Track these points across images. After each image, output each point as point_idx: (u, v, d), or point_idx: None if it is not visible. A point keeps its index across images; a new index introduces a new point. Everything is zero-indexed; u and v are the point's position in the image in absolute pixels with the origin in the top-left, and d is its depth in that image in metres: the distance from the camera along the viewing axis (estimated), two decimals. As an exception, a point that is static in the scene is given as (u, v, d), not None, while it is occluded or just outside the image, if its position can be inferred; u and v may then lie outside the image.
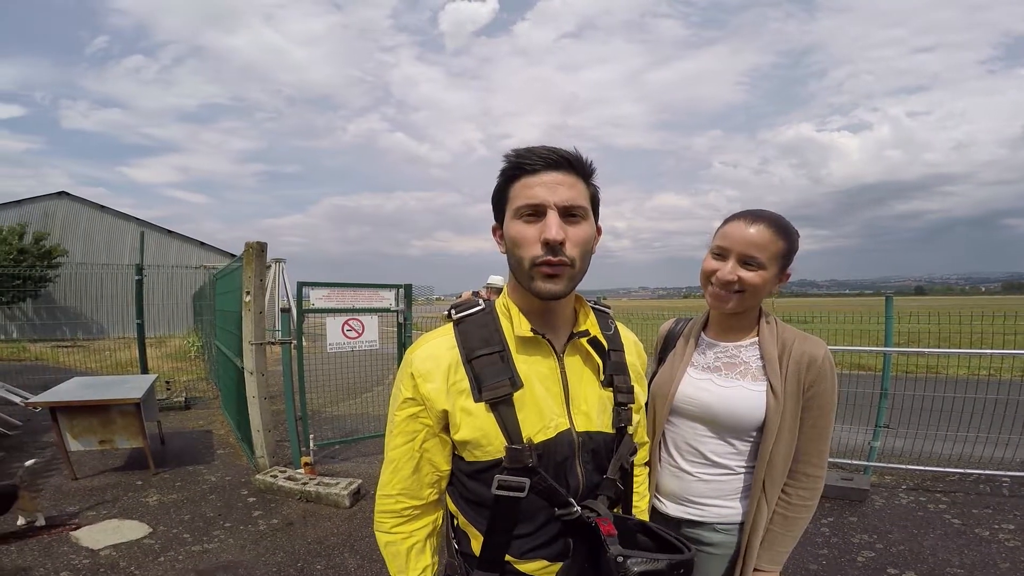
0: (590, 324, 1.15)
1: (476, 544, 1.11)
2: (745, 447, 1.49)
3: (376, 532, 1.19)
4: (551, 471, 1.05)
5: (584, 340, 1.13)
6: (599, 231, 1.14)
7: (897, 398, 4.98)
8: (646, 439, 1.44)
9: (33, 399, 4.93)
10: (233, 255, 19.34)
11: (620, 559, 0.94)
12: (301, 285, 5.30)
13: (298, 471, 4.76)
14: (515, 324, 1.09)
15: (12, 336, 18.14)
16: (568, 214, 1.02)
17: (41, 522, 3.74)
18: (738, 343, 1.54)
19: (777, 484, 1.45)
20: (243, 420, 5.33)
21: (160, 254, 21.64)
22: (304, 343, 5.38)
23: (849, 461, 4.79)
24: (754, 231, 1.40)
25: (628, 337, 1.29)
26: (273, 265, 14.09)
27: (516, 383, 1.04)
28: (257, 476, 4.74)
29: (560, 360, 1.11)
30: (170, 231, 24.34)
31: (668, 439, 1.60)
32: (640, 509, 1.36)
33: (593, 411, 1.11)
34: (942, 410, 4.90)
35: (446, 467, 1.13)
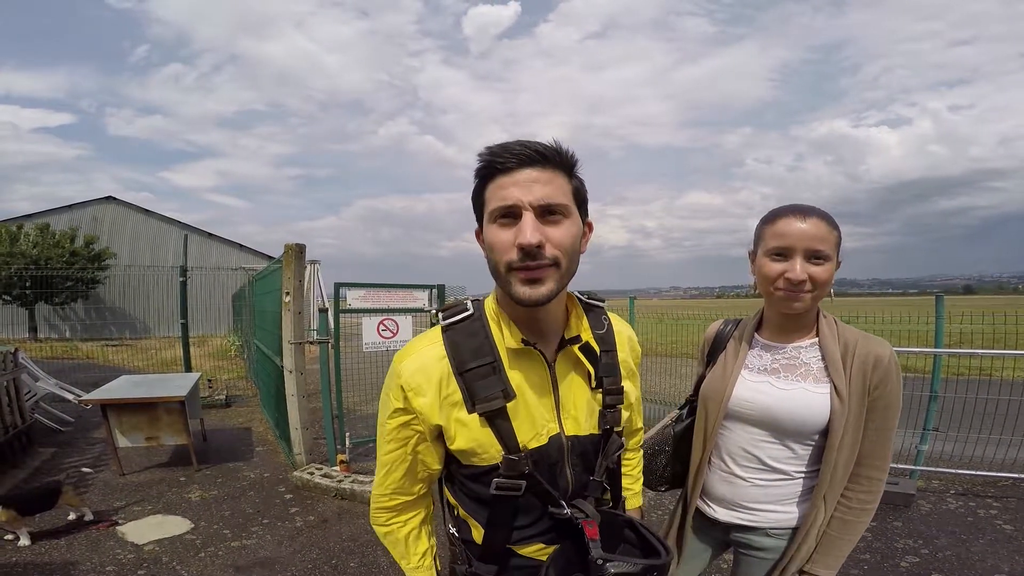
0: (582, 329, 1.12)
1: (477, 533, 1.14)
2: (805, 451, 1.44)
3: (373, 526, 1.24)
4: (544, 474, 1.07)
5: (576, 347, 1.10)
6: (589, 227, 1.09)
7: (947, 400, 4.79)
8: (639, 425, 1.42)
9: (85, 397, 5.13)
10: (271, 257, 19.79)
11: (600, 562, 0.97)
12: (338, 286, 5.38)
13: (334, 468, 4.84)
14: (505, 335, 1.06)
15: (65, 335, 18.95)
16: (547, 212, 0.96)
17: (89, 517, 3.88)
18: (797, 344, 1.48)
19: (836, 488, 1.41)
20: (281, 418, 5.45)
21: (201, 256, 22.32)
22: (340, 342, 5.46)
23: (895, 465, 4.61)
24: (810, 225, 1.35)
25: (622, 332, 1.25)
26: (308, 267, 14.38)
27: (509, 394, 1.04)
28: (294, 473, 4.83)
29: (551, 368, 1.09)
30: (211, 234, 25.10)
31: (720, 444, 1.56)
32: (633, 491, 1.41)
33: (581, 415, 1.11)
34: (995, 413, 4.70)
35: (437, 467, 1.16)
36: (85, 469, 4.84)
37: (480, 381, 1.04)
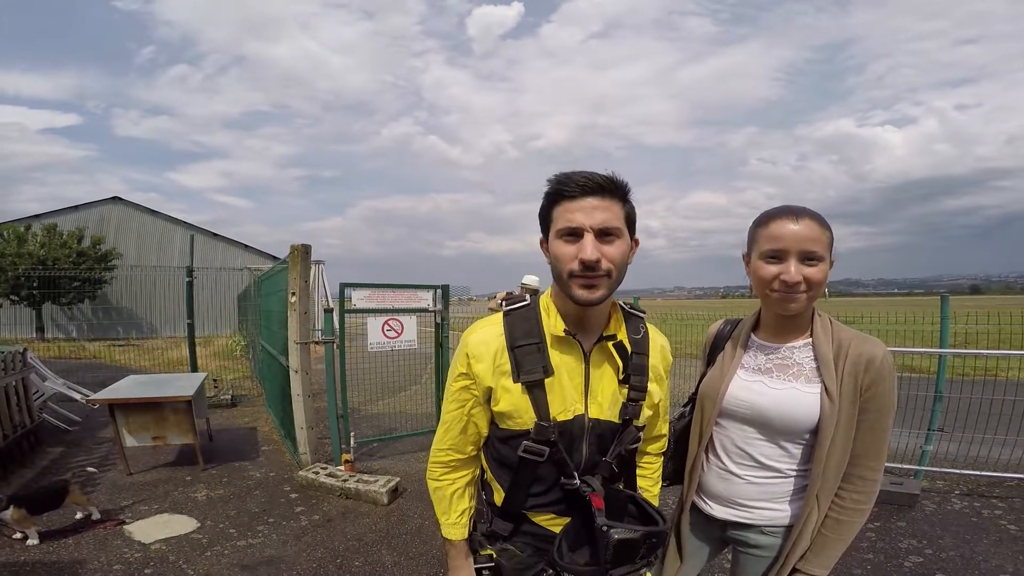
0: (619, 329, 1.32)
1: (498, 496, 1.36)
2: (796, 450, 1.46)
3: (427, 480, 1.46)
4: (564, 445, 1.26)
5: (610, 343, 1.29)
6: (636, 243, 1.28)
7: (952, 401, 4.78)
8: (664, 432, 1.55)
9: (93, 396, 5.17)
10: (276, 257, 19.85)
11: (604, 528, 1.16)
12: (343, 286, 5.41)
13: (338, 468, 4.86)
14: (552, 323, 1.27)
15: (71, 335, 19.04)
16: (604, 234, 1.17)
17: (96, 516, 3.91)
18: (791, 344, 1.50)
19: (829, 488, 1.42)
20: (287, 417, 5.47)
21: (207, 256, 22.39)
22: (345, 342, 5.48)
23: (899, 465, 4.61)
24: (803, 227, 1.36)
25: (656, 341, 1.41)
26: (313, 267, 14.39)
27: (548, 371, 1.25)
28: (299, 472, 4.85)
29: (586, 358, 1.29)
30: (216, 234, 25.18)
31: (716, 441, 1.59)
32: (651, 494, 1.53)
33: (606, 403, 1.29)
34: (1000, 414, 4.68)
35: (486, 430, 1.37)
36: (91, 469, 4.87)
37: (527, 357, 1.25)
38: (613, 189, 1.18)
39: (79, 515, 3.88)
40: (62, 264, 17.89)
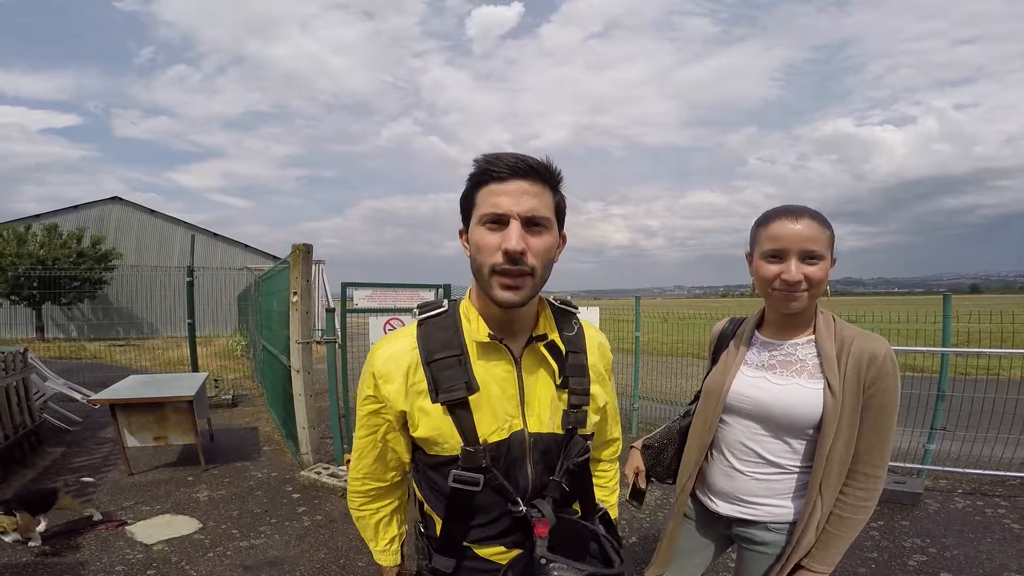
0: (549, 328, 1.17)
1: (439, 528, 1.19)
2: (800, 446, 1.46)
3: (349, 509, 1.34)
4: (503, 469, 1.10)
5: (541, 345, 1.15)
6: (564, 239, 1.16)
7: (954, 400, 4.78)
8: (616, 436, 1.44)
9: (94, 396, 5.16)
10: (276, 257, 19.85)
11: (543, 561, 1.03)
12: (345, 285, 5.40)
13: (341, 468, 4.85)
14: (474, 329, 1.12)
15: (71, 335, 19.04)
16: (531, 224, 1.04)
17: (98, 517, 3.90)
18: (794, 341, 1.51)
19: (833, 484, 1.42)
20: (288, 417, 5.46)
21: (206, 256, 22.39)
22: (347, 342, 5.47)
23: (902, 464, 4.61)
24: (803, 226, 1.37)
25: (593, 338, 1.27)
26: (313, 266, 14.35)
27: (472, 387, 1.08)
28: (302, 473, 4.85)
29: (517, 363, 1.13)
30: (215, 234, 25.19)
31: (720, 438, 1.59)
32: (609, 503, 1.41)
33: (546, 413, 1.14)
34: (1003, 412, 4.68)
35: (407, 457, 1.22)
36: (86, 479, 4.78)
37: (445, 372, 1.08)
38: (545, 175, 1.06)
39: (76, 516, 3.87)
40: (62, 264, 17.91)
